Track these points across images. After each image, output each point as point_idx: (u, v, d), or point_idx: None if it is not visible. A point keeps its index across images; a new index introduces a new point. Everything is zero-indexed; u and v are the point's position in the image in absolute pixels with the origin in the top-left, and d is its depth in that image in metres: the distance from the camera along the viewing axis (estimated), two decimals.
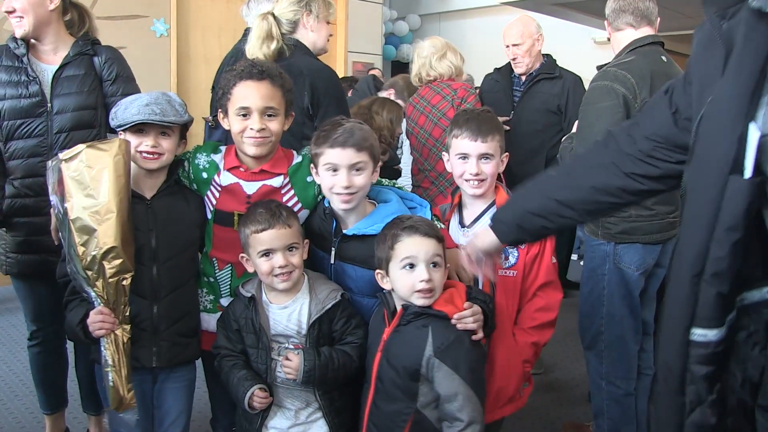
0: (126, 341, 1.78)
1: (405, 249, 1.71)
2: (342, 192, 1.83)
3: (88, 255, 1.71)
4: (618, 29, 2.51)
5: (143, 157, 1.88)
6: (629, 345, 2.51)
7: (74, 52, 2.44)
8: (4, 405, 3.15)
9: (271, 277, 1.80)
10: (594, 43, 8.70)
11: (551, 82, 3.51)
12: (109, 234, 1.71)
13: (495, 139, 2.01)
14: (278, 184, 1.96)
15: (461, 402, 1.65)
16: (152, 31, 5.95)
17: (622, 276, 2.45)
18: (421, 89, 3.23)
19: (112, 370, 1.76)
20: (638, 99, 2.33)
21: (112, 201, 1.71)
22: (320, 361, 1.78)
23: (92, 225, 1.70)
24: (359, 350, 1.85)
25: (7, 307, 4.51)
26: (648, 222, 2.40)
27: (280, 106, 1.92)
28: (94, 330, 1.75)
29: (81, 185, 1.71)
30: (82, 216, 1.70)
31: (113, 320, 1.76)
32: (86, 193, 1.71)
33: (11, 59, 2.39)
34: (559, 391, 3.44)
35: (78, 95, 2.41)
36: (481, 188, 2.01)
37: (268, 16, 2.42)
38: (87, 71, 2.44)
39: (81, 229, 1.70)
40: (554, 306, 2.02)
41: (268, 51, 2.39)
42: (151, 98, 1.88)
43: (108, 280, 1.73)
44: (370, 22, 7.81)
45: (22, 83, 2.36)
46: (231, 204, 1.95)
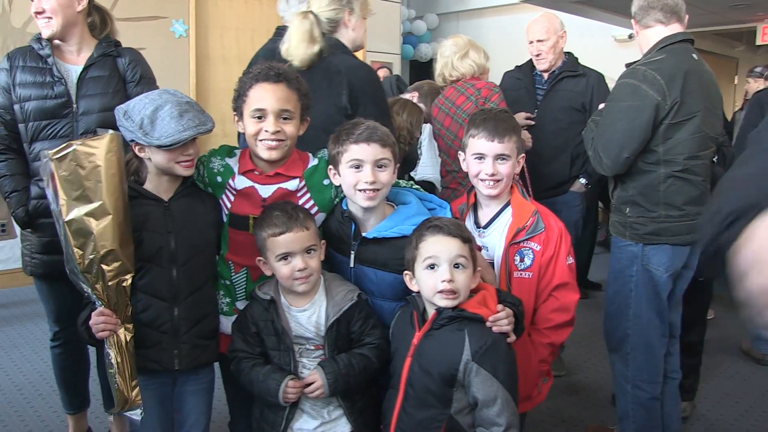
0: (129, 341, 1.77)
1: (428, 249, 1.70)
2: (367, 188, 1.81)
3: (85, 258, 1.66)
4: (647, 26, 2.46)
5: (183, 166, 1.86)
6: (656, 348, 2.46)
7: (98, 53, 2.44)
8: (29, 404, 3.17)
9: (290, 281, 1.79)
10: (615, 41, 8.61)
11: (575, 79, 3.47)
12: (106, 237, 1.66)
13: (512, 139, 2.00)
14: (294, 188, 1.94)
15: (500, 406, 1.62)
16: (171, 32, 5.98)
17: (650, 278, 2.40)
18: (446, 90, 3.19)
19: (117, 372, 1.75)
20: (668, 100, 2.29)
21: (107, 202, 1.66)
22: (341, 370, 1.76)
23: (88, 228, 1.65)
24: (377, 351, 1.83)
25: (31, 308, 4.54)
26: (677, 223, 2.35)
27: (296, 110, 1.90)
28: (96, 332, 1.74)
29: (73, 185, 1.63)
30: (77, 219, 1.64)
31: (115, 321, 1.74)
32: (80, 194, 1.64)
33: (35, 60, 2.39)
34: (582, 393, 3.40)
35: (103, 96, 2.41)
36: (496, 189, 2.00)
37: (308, 14, 2.33)
38: (111, 72, 2.45)
39: (77, 232, 1.65)
40: (570, 307, 2.00)
41: (309, 54, 2.30)
42: (174, 105, 1.82)
43: (108, 282, 1.70)
44: (389, 21, 7.78)
45: (48, 84, 2.37)
46: (246, 208, 1.93)
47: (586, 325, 4.34)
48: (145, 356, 1.84)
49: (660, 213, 2.35)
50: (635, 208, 2.40)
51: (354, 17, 2.44)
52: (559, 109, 3.44)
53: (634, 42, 9.36)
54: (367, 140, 1.82)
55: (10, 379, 3.46)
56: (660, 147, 2.33)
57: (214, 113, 6.31)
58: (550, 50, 3.45)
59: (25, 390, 3.32)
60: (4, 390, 3.32)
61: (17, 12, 5.04)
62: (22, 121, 2.38)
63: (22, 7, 4.97)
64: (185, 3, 6.05)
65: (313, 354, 1.83)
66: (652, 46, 2.42)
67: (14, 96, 2.37)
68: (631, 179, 2.40)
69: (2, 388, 3.34)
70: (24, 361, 3.68)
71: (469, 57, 3.12)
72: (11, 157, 2.42)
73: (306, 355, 1.84)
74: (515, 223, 1.99)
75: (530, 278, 1.98)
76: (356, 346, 1.84)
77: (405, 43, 8.62)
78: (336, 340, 1.82)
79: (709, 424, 3.10)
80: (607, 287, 2.59)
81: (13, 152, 2.42)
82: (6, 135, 2.41)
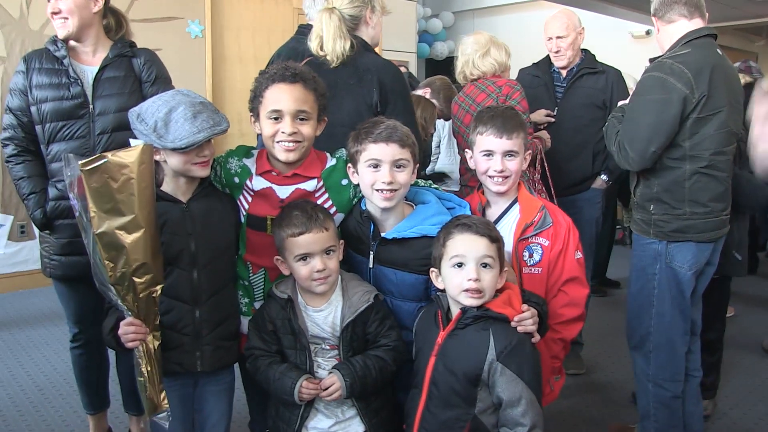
0: (156, 348, 1.76)
1: (455, 247, 1.69)
2: (384, 188, 1.80)
3: (117, 271, 1.63)
4: (670, 21, 2.42)
5: (200, 167, 1.85)
6: (678, 346, 2.43)
7: (113, 54, 2.45)
8: (50, 404, 3.20)
9: (309, 282, 1.79)
10: (632, 38, 8.54)
11: (594, 76, 3.46)
12: (138, 250, 1.63)
13: (519, 136, 2.00)
14: (312, 188, 1.92)
15: (524, 407, 1.61)
16: (187, 33, 6.01)
17: (674, 275, 2.37)
18: (466, 87, 3.15)
19: (146, 380, 1.74)
20: (695, 94, 2.25)
21: (140, 215, 1.62)
22: (357, 372, 1.76)
23: (120, 242, 1.61)
24: (393, 353, 1.83)
25: (52, 309, 4.58)
26: (703, 220, 2.32)
27: (313, 110, 1.89)
28: (126, 341, 1.72)
29: (104, 198, 1.58)
30: (108, 231, 1.60)
31: (144, 330, 1.72)
32: (111, 207, 1.59)
33: (51, 62, 2.40)
34: (602, 392, 3.37)
35: (119, 96, 2.42)
36: (505, 185, 2.00)
37: (334, 10, 2.32)
38: (127, 73, 2.46)
39: (108, 245, 1.61)
40: (580, 302, 1.99)
41: (345, 49, 2.27)
42: (187, 106, 1.80)
43: (139, 294, 1.68)
44: (404, 19, 7.76)
45: (64, 85, 2.38)
46: (264, 208, 1.92)
47: (605, 323, 4.30)
48: (168, 358, 1.83)
49: (685, 210, 2.32)
50: (660, 205, 2.36)
51: (375, 15, 2.45)
52: (579, 107, 3.43)
53: (650, 38, 9.34)
54: (387, 140, 1.81)
55: (31, 379, 3.49)
56: (686, 142, 2.30)
57: (231, 113, 6.29)
58: (569, 47, 3.43)
59: (47, 390, 3.35)
60: (26, 390, 3.35)
61: (35, 15, 5.09)
62: (39, 122, 2.39)
63: (39, 10, 5.00)
64: (201, 3, 6.07)
65: (329, 354, 1.83)
66: (676, 41, 2.39)
67: (31, 98, 2.38)
68: (655, 176, 2.37)
69: (24, 389, 3.37)
70: (45, 362, 3.71)
71: (490, 55, 3.08)
72: (29, 159, 2.43)
73: (321, 354, 1.83)
74: (523, 219, 1.99)
75: (540, 274, 1.98)
76: (372, 347, 1.83)
77: (421, 41, 8.60)
78: (351, 341, 1.81)
79: (732, 423, 3.06)
80: (629, 285, 2.56)
81: (31, 154, 2.44)
82: (23, 137, 2.42)
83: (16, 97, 2.41)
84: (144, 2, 5.67)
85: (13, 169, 2.44)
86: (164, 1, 5.83)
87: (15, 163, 2.44)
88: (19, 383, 3.44)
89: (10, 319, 4.51)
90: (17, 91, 2.41)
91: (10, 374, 3.55)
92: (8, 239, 5.05)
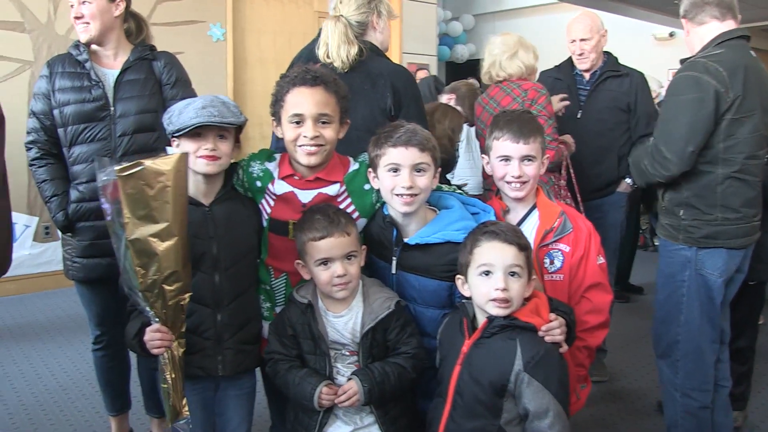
0: (181, 355, 1.75)
1: (483, 255, 1.66)
2: (404, 193, 1.79)
3: (148, 278, 1.62)
4: (701, 23, 2.38)
5: (205, 159, 1.83)
6: (706, 355, 2.39)
7: (134, 57, 2.47)
8: (73, 404, 3.22)
9: (329, 287, 1.77)
10: (655, 40, 8.48)
11: (618, 79, 3.41)
12: (170, 258, 1.62)
13: (537, 140, 1.96)
14: (334, 193, 1.91)
15: (552, 419, 1.58)
16: (209, 36, 6.05)
17: (704, 283, 2.33)
18: (490, 89, 3.11)
19: (170, 387, 1.73)
20: (730, 93, 2.21)
21: (174, 224, 1.61)
22: (376, 378, 1.74)
23: (153, 249, 1.60)
24: (413, 360, 1.80)
25: (76, 310, 4.61)
26: (735, 225, 2.28)
27: (335, 113, 1.87)
28: (151, 348, 1.71)
29: (139, 204, 1.57)
30: (141, 238, 1.58)
31: (170, 337, 1.71)
32: (145, 213, 1.58)
33: (73, 65, 2.43)
34: (626, 400, 3.32)
35: (140, 99, 2.43)
36: (523, 191, 1.96)
37: (340, 17, 2.34)
38: (147, 75, 2.48)
39: (140, 252, 1.60)
40: (604, 308, 1.95)
41: (351, 55, 2.29)
42: (206, 101, 1.82)
43: (168, 302, 1.67)
44: (424, 22, 7.75)
45: (86, 88, 2.40)
46: (286, 213, 1.91)
47: (629, 330, 4.25)
48: (189, 362, 1.82)
49: (717, 215, 2.28)
50: (690, 210, 2.32)
51: (381, 20, 2.44)
52: (604, 110, 3.38)
53: (674, 40, 9.25)
54: (406, 144, 1.79)
55: (56, 379, 3.52)
56: (721, 144, 2.26)
57: (252, 116, 6.34)
58: (593, 49, 3.39)
59: (70, 391, 3.38)
60: (51, 390, 3.38)
61: (61, 20, 5.16)
62: (62, 125, 2.41)
63: (66, 15, 5.05)
64: (222, 7, 6.11)
65: (348, 360, 1.81)
66: (708, 42, 2.34)
67: (54, 101, 2.41)
68: (686, 180, 2.33)
69: (48, 389, 3.40)
70: (69, 363, 3.74)
71: (517, 57, 3.03)
72: (51, 161, 2.46)
73: (341, 360, 1.82)
74: (543, 225, 1.95)
75: (561, 280, 1.94)
76: (392, 354, 1.81)
77: (441, 44, 8.61)
78: (371, 348, 1.79)
79: None
80: (656, 292, 2.51)
81: (53, 157, 2.46)
82: (46, 140, 2.45)
83: (40, 101, 2.44)
84: (166, 6, 5.72)
85: (36, 172, 2.47)
86: (186, 5, 5.87)
87: (38, 166, 2.47)
88: (44, 383, 3.47)
89: (35, 319, 4.57)
90: (41, 95, 2.44)
91: (36, 374, 3.59)
92: (33, 240, 5.11)
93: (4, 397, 3.29)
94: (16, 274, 4.95)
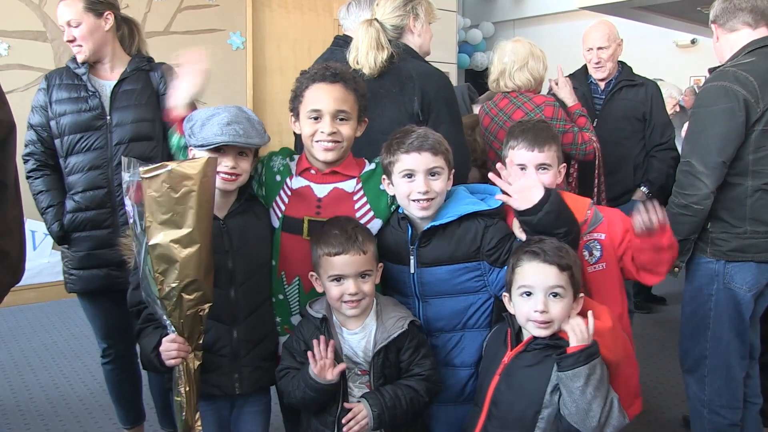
0: (196, 368, 1.70)
1: (523, 276, 1.65)
2: (420, 198, 1.79)
3: (166, 286, 1.57)
4: (732, 30, 2.31)
5: (222, 178, 1.78)
6: (735, 371, 2.31)
7: (131, 68, 2.48)
8: (90, 415, 3.22)
9: (339, 303, 1.74)
10: (676, 47, 8.37)
11: (633, 89, 3.41)
12: (191, 266, 1.56)
13: (552, 148, 1.97)
14: (351, 189, 1.91)
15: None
16: (228, 44, 6.08)
17: (733, 297, 2.26)
18: (498, 99, 3.01)
19: (183, 400, 1.69)
20: (760, 104, 2.15)
21: (196, 230, 1.55)
22: (386, 402, 1.70)
23: (173, 255, 1.54)
24: (426, 383, 1.77)
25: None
26: (765, 239, 2.21)
27: (353, 111, 1.87)
28: (167, 359, 1.66)
29: (162, 208, 1.52)
30: (162, 243, 1.53)
31: (187, 349, 1.66)
32: (168, 218, 1.53)
33: (71, 77, 2.45)
34: (651, 414, 3.24)
35: (136, 108, 2.43)
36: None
37: (373, 22, 2.30)
38: (144, 85, 2.48)
39: (160, 258, 1.54)
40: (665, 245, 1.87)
41: (379, 60, 2.25)
42: (231, 116, 1.77)
43: (186, 312, 1.62)
44: (445, 30, 7.72)
45: (82, 98, 2.41)
46: (301, 209, 1.89)
47: (651, 342, 4.17)
48: (206, 381, 1.77)
49: (746, 228, 2.21)
50: (718, 223, 2.26)
51: (419, 23, 2.40)
52: (620, 119, 3.37)
53: (695, 47, 9.14)
54: (419, 149, 1.79)
55: (72, 389, 3.52)
56: (750, 156, 2.19)
57: (271, 124, 6.30)
58: (610, 58, 3.39)
59: (87, 401, 3.37)
60: (67, 400, 3.38)
61: None
62: (58, 136, 2.42)
63: None
64: (242, 15, 6.14)
65: (359, 379, 1.77)
66: (739, 50, 2.28)
67: (51, 112, 2.42)
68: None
69: (65, 398, 3.40)
70: (86, 372, 3.74)
71: (527, 69, 2.92)
72: (47, 173, 2.47)
73: (352, 379, 1.78)
74: None
75: (605, 269, 1.93)
76: (405, 376, 1.77)
77: (461, 51, 8.57)
78: (383, 368, 1.75)
79: None
80: (683, 306, 2.45)
81: (49, 168, 2.47)
82: (42, 152, 2.46)
83: (37, 114, 2.46)
84: (186, 14, 5.75)
85: (33, 184, 2.48)
86: (206, 14, 5.90)
87: (34, 178, 2.48)
88: (60, 392, 3.47)
89: (54, 327, 4.58)
90: (38, 107, 2.46)
91: (53, 382, 3.59)
92: (52, 248, 5.14)
93: (21, 407, 3.30)
94: (36, 282, 4.98)
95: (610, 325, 1.68)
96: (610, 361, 1.66)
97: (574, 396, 1.54)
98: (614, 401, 1.58)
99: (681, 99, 5.77)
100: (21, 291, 4.89)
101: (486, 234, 1.83)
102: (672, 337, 2.52)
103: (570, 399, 1.55)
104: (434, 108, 2.23)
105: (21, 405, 3.31)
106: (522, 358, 1.65)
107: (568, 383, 1.55)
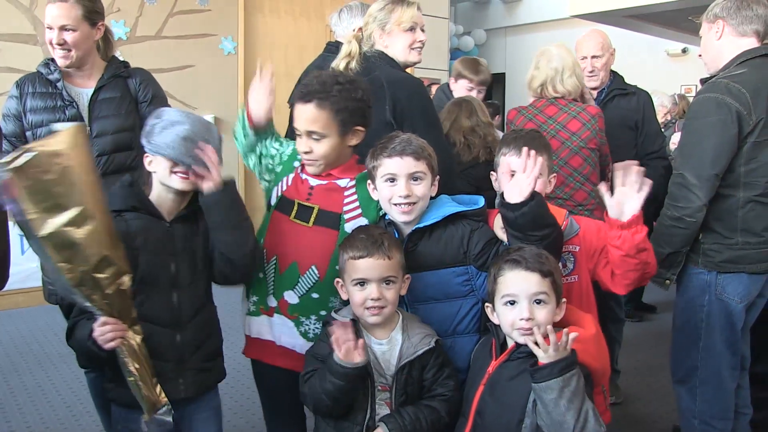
0: (140, 342, 1.64)
1: (506, 285, 1.65)
2: (401, 202, 1.80)
3: (76, 272, 1.47)
4: (742, 34, 2.27)
5: (180, 177, 1.75)
6: (726, 382, 2.31)
7: (108, 75, 2.44)
8: (77, 421, 3.18)
9: (362, 309, 1.71)
10: (667, 56, 8.42)
11: (626, 98, 3.41)
12: (94, 243, 1.47)
13: (543, 157, 1.93)
14: (344, 184, 1.94)
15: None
16: (220, 49, 6.07)
17: (725, 308, 2.26)
18: (544, 106, 2.88)
19: (138, 378, 1.63)
20: (753, 116, 2.15)
21: (89, 204, 1.45)
22: (407, 426, 1.66)
23: (72, 239, 1.44)
24: (448, 405, 1.74)
25: None
26: (756, 250, 2.21)
27: (327, 128, 1.86)
28: (104, 342, 1.59)
29: (40, 195, 1.40)
30: (55, 231, 1.42)
31: (122, 327, 1.60)
32: (51, 203, 1.41)
33: (45, 85, 2.39)
34: (641, 424, 3.24)
35: (116, 117, 2.40)
36: None
37: (353, 40, 2.33)
38: (123, 93, 2.44)
39: (59, 246, 1.44)
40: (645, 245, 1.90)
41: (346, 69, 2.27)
42: (190, 130, 1.72)
43: (105, 291, 1.53)
44: (437, 37, 7.75)
45: (59, 108, 2.36)
46: (294, 193, 1.95)
47: (642, 350, 4.17)
48: None
49: (738, 240, 2.21)
50: (710, 234, 2.26)
51: (385, 35, 2.33)
52: (614, 127, 3.34)
53: (687, 56, 9.18)
54: (401, 153, 1.81)
55: (60, 395, 3.48)
56: (742, 167, 2.20)
57: None
58: (603, 67, 3.38)
59: (74, 407, 3.33)
60: (54, 406, 3.34)
61: None
62: None
63: None
64: (234, 20, 6.13)
65: (380, 396, 1.73)
66: (730, 60, 2.28)
67: (26, 123, 2.37)
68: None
69: (52, 404, 3.36)
70: (74, 379, 3.69)
71: (575, 75, 2.86)
72: None
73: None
74: None
75: (577, 282, 1.95)
76: (427, 396, 1.75)
77: (453, 58, 8.57)
78: (406, 385, 1.72)
79: None
80: (674, 317, 2.44)
81: None
82: None
83: (10, 123, 2.40)
84: (178, 19, 5.73)
85: None
86: (198, 18, 5.89)
87: None
88: (48, 399, 3.43)
89: (41, 332, 4.54)
90: (11, 116, 2.40)
91: (40, 390, 3.55)
92: None
93: (7, 414, 3.25)
94: (25, 287, 4.92)
95: (594, 332, 1.69)
96: (594, 369, 1.66)
97: (548, 408, 1.53)
98: (589, 411, 1.54)
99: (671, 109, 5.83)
100: (9, 295, 4.85)
101: (472, 237, 1.85)
102: (662, 345, 2.51)
103: (544, 411, 1.54)
104: (407, 115, 2.20)
105: (6, 412, 3.27)
106: (506, 367, 1.65)
107: (541, 395, 1.54)
